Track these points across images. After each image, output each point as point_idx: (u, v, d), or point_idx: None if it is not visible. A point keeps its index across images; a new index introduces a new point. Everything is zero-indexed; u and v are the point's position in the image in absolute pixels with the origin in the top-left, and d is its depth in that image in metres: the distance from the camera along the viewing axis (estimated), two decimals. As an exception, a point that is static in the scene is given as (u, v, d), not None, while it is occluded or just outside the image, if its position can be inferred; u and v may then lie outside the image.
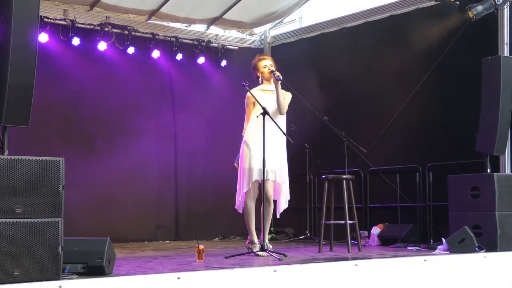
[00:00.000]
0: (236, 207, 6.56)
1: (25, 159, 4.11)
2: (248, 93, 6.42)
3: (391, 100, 9.00)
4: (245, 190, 6.40)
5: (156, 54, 9.76)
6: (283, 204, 6.56)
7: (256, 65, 6.56)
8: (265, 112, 6.13)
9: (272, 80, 6.49)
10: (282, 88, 6.46)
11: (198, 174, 10.08)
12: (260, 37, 10.97)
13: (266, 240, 6.30)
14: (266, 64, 6.51)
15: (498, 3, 7.60)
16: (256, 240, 6.46)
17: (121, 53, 9.44)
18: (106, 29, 9.22)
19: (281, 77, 6.31)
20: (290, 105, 6.62)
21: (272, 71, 6.40)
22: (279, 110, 6.43)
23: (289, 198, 6.61)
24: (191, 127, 10.06)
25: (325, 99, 9.54)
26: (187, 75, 10.11)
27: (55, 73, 8.77)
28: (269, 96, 6.44)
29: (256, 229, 6.55)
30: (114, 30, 9.30)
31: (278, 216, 6.63)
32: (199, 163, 10.09)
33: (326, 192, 7.09)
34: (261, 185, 6.33)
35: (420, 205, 8.38)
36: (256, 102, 6.36)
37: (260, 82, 6.57)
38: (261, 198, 6.35)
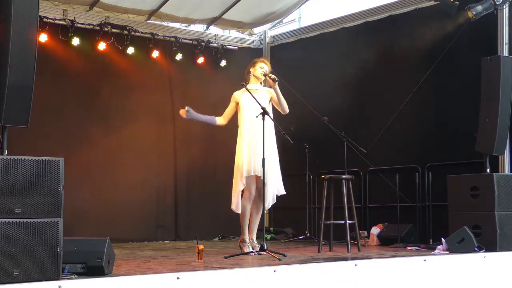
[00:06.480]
0: (233, 207, 6.63)
1: (25, 159, 4.10)
2: (235, 93, 6.72)
3: (391, 100, 9.00)
4: (241, 188, 6.53)
5: (155, 54, 9.76)
6: (269, 199, 6.61)
7: (256, 63, 6.82)
8: (264, 112, 6.21)
9: (262, 81, 6.75)
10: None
11: (198, 174, 10.07)
12: (260, 37, 10.97)
13: (254, 237, 6.59)
14: (263, 66, 6.78)
15: (497, 3, 7.59)
16: (247, 239, 6.61)
17: (121, 53, 9.44)
18: (105, 29, 9.22)
19: (277, 79, 6.62)
20: (289, 105, 6.73)
21: (265, 74, 6.69)
22: (282, 110, 6.71)
23: (277, 194, 6.68)
24: (191, 127, 10.05)
25: (324, 99, 9.54)
26: (187, 75, 10.10)
27: (55, 73, 8.76)
28: (256, 95, 6.50)
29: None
30: (113, 30, 9.31)
31: (267, 208, 6.73)
32: (199, 163, 10.07)
33: (326, 192, 7.09)
34: (256, 183, 6.53)
35: (419, 205, 8.38)
36: (239, 103, 6.68)
37: (247, 80, 6.74)
38: (256, 198, 6.59)
